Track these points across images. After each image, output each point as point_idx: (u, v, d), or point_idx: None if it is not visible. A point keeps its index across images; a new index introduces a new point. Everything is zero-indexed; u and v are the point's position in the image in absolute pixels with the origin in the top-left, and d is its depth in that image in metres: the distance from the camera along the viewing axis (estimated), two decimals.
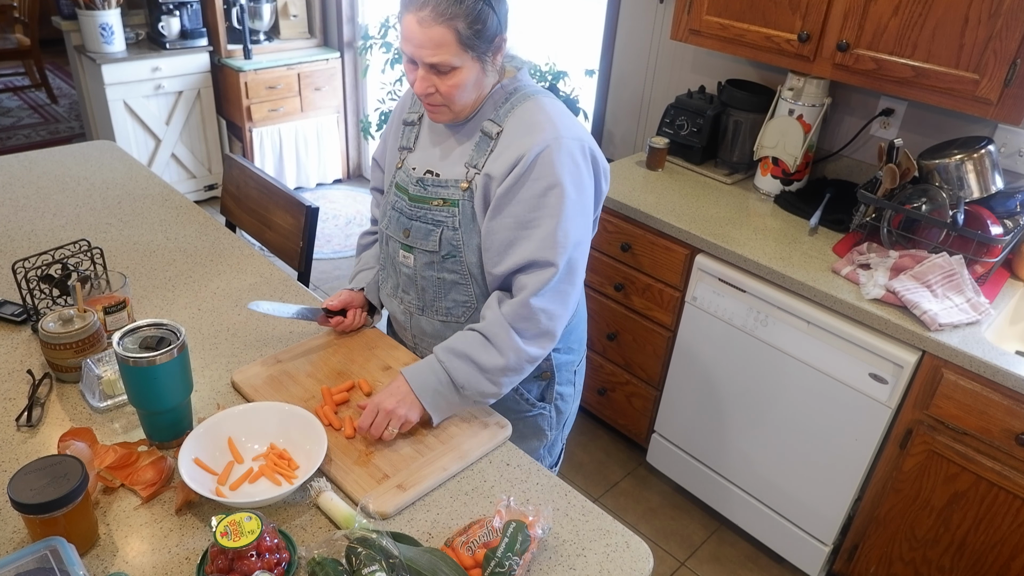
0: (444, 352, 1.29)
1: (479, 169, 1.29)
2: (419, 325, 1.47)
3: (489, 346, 1.27)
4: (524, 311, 1.26)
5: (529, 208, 1.24)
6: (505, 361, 1.27)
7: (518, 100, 1.29)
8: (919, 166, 1.91)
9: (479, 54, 1.21)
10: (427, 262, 1.37)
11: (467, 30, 1.17)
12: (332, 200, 4.32)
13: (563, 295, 1.29)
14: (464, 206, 1.31)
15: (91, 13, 3.50)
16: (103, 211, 1.98)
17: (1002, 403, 1.62)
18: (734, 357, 2.09)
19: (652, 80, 2.77)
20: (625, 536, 1.13)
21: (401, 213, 1.39)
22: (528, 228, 1.25)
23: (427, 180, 1.34)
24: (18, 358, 1.41)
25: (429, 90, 1.23)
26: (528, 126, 1.26)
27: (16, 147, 4.84)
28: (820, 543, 2.08)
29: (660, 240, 2.16)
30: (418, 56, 1.19)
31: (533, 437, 1.54)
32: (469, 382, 1.27)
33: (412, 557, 1.00)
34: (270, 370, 1.40)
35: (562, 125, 1.26)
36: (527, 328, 1.27)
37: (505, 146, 1.27)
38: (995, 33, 1.66)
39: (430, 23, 1.15)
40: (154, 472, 1.14)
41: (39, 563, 0.92)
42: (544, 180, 1.23)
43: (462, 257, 1.34)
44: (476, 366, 1.27)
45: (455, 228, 1.32)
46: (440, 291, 1.39)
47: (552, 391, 1.52)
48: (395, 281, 1.47)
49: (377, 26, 3.94)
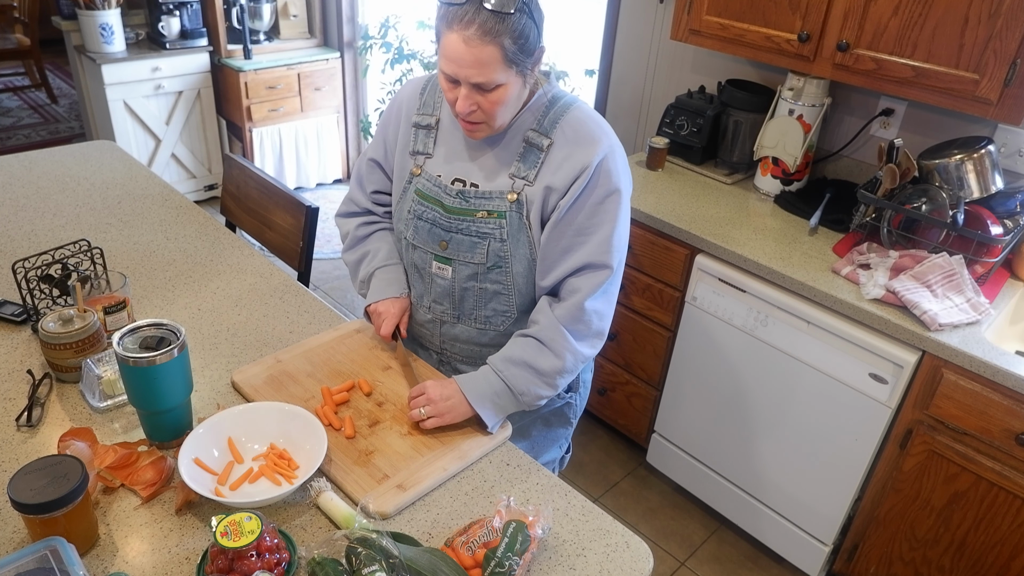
0: (501, 362, 1.31)
1: (530, 181, 1.28)
2: (452, 332, 1.46)
3: (545, 350, 1.30)
4: (578, 313, 1.29)
5: (589, 215, 1.27)
6: (563, 364, 1.30)
7: (561, 110, 1.29)
8: (919, 166, 1.91)
9: (522, 69, 1.19)
10: (470, 274, 1.36)
11: (512, 46, 1.14)
12: (332, 200, 4.32)
13: (611, 296, 1.33)
14: (512, 217, 1.30)
15: (91, 13, 3.50)
16: (103, 211, 1.98)
17: (1002, 403, 1.62)
18: (734, 357, 2.09)
19: (652, 80, 2.77)
20: (625, 536, 1.13)
21: (434, 225, 1.35)
22: (585, 234, 1.27)
23: (469, 192, 1.32)
24: (18, 358, 1.41)
25: (472, 108, 1.21)
26: (581, 136, 1.27)
27: (16, 147, 4.84)
28: (820, 543, 2.08)
29: (660, 240, 2.16)
30: (462, 76, 1.16)
31: (559, 425, 1.58)
32: (528, 388, 1.30)
33: (412, 557, 1.00)
34: (270, 370, 1.40)
35: (610, 132, 1.30)
36: (581, 329, 1.30)
37: (564, 157, 1.27)
38: (995, 33, 1.66)
39: (477, 42, 1.12)
40: (154, 472, 1.14)
41: (39, 563, 0.92)
42: (604, 188, 1.26)
43: (508, 268, 1.34)
44: (534, 371, 1.29)
45: (503, 240, 1.31)
46: (480, 301, 1.39)
47: (578, 379, 1.56)
48: (423, 290, 1.44)
49: (377, 26, 3.95)
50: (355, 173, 1.56)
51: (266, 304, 1.64)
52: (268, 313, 1.61)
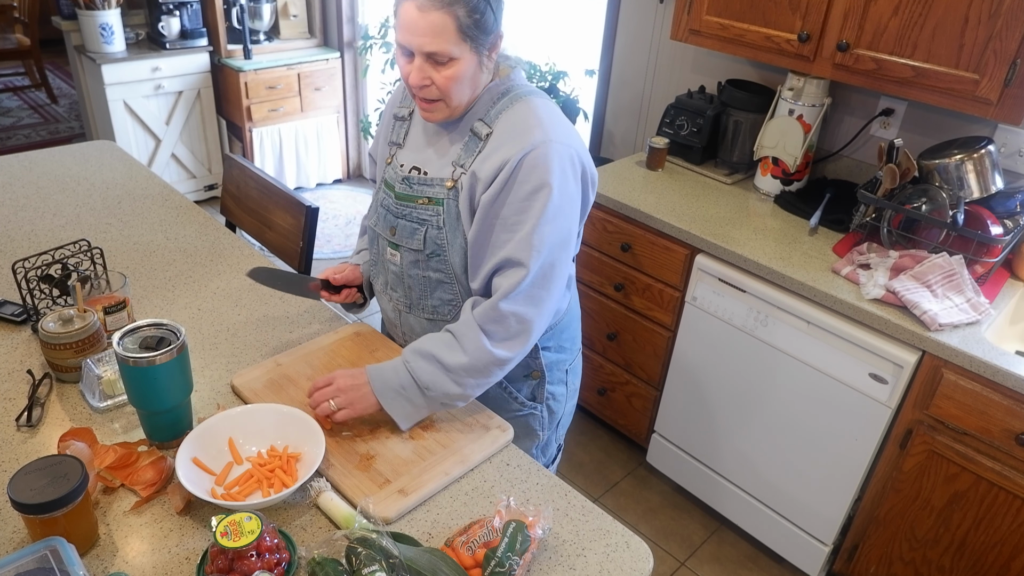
0: (411, 353, 1.28)
1: (465, 168, 1.27)
2: (408, 323, 1.47)
3: (455, 345, 1.26)
4: (494, 313, 1.24)
5: (514, 211, 1.23)
6: (469, 360, 1.24)
7: (510, 101, 1.27)
8: (919, 166, 1.91)
9: (477, 46, 1.19)
10: (412, 260, 1.36)
11: (467, 18, 1.15)
12: (332, 200, 4.32)
13: (536, 300, 1.26)
14: (449, 205, 1.29)
15: (91, 13, 3.50)
16: (103, 211, 1.98)
17: (1002, 403, 1.62)
18: (734, 357, 2.09)
19: (652, 80, 2.77)
20: (625, 536, 1.13)
21: (388, 210, 1.38)
22: (510, 230, 1.24)
23: (413, 178, 1.33)
24: (18, 358, 1.41)
25: (425, 82, 1.20)
26: (518, 129, 1.24)
27: (16, 147, 4.84)
28: (820, 543, 2.08)
29: (660, 240, 2.16)
30: (415, 45, 1.17)
31: (525, 437, 1.53)
32: (434, 382, 1.25)
33: (412, 557, 1.00)
34: (270, 373, 1.39)
35: (552, 128, 1.23)
36: (497, 331, 1.25)
37: (494, 148, 1.25)
38: (995, 33, 1.66)
39: (429, 8, 1.13)
40: (154, 472, 1.14)
41: (39, 563, 0.92)
42: (530, 183, 1.21)
43: (446, 256, 1.33)
44: (441, 365, 1.25)
45: (439, 227, 1.31)
46: (426, 290, 1.39)
47: (543, 390, 1.50)
48: (384, 278, 1.46)
49: (377, 26, 3.95)
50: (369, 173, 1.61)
51: (266, 304, 1.64)
52: (268, 313, 1.61)
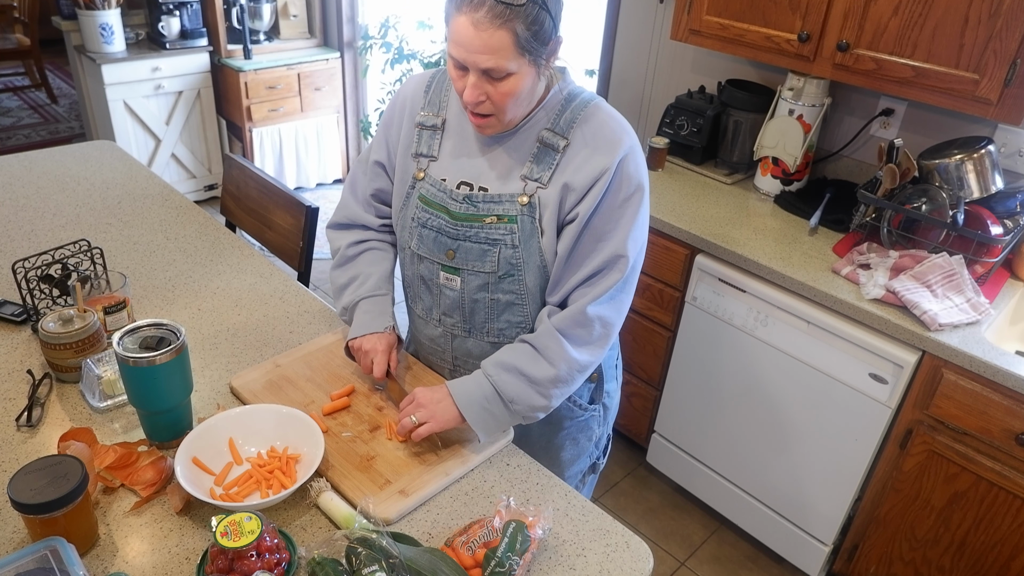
0: (492, 366, 1.23)
1: (544, 183, 1.21)
2: (464, 347, 1.39)
3: (538, 357, 1.22)
4: (580, 318, 1.21)
5: (607, 219, 1.20)
6: (556, 372, 1.21)
7: (578, 108, 1.22)
8: (919, 166, 1.91)
9: (535, 58, 1.12)
10: (480, 284, 1.28)
11: (525, 32, 1.07)
12: (332, 200, 4.32)
13: (619, 303, 1.24)
14: (523, 222, 1.22)
15: (91, 13, 3.50)
16: (103, 211, 1.98)
17: (1002, 403, 1.62)
18: (734, 357, 2.09)
19: (652, 80, 2.77)
20: (625, 536, 1.13)
21: (440, 232, 1.28)
22: (603, 240, 1.20)
23: (476, 196, 1.24)
24: (18, 358, 1.41)
25: (480, 98, 1.13)
26: (604, 135, 1.20)
27: (16, 147, 4.84)
28: (820, 543, 2.08)
29: (660, 240, 2.16)
30: (471, 62, 1.10)
31: (584, 437, 1.51)
32: (519, 395, 1.21)
33: (412, 557, 1.00)
34: (269, 375, 1.39)
35: (630, 130, 1.23)
36: (580, 335, 1.22)
37: (584, 158, 1.19)
38: (995, 33, 1.66)
39: (486, 26, 1.06)
40: (154, 472, 1.14)
41: (39, 563, 0.92)
42: (624, 190, 1.19)
43: (521, 276, 1.26)
44: (526, 378, 1.21)
45: (514, 246, 1.24)
46: (492, 313, 1.31)
47: (601, 391, 1.49)
48: (431, 303, 1.37)
49: (377, 26, 3.95)
50: (349, 179, 1.46)
51: (266, 304, 1.64)
52: (268, 313, 1.61)
